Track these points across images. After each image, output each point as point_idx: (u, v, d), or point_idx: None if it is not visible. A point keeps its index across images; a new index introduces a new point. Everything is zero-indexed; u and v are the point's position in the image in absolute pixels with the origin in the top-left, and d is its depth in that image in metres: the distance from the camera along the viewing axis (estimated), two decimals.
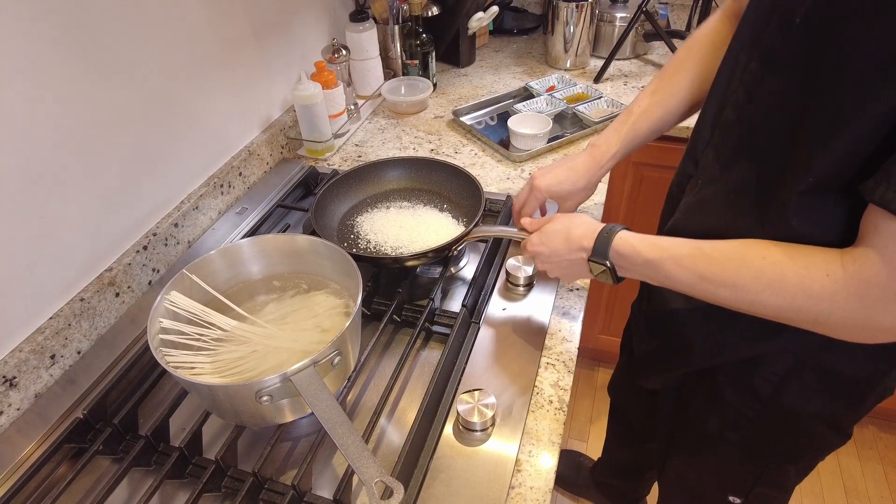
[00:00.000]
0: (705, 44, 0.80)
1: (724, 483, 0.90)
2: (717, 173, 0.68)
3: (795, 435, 0.78)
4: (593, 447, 1.80)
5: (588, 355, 2.05)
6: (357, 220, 1.01)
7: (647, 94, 0.84)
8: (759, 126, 0.61)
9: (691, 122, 0.79)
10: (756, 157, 0.62)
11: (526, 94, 1.47)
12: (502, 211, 1.03)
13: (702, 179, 0.71)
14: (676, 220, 0.75)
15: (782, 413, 0.75)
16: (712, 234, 0.64)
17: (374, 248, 0.94)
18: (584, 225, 0.73)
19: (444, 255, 0.91)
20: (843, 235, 0.55)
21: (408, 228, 0.97)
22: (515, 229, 0.86)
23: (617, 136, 0.84)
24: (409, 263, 0.90)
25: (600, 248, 0.70)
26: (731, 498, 0.89)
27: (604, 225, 0.71)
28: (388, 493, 0.56)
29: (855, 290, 0.52)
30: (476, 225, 0.91)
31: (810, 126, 0.54)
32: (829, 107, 0.52)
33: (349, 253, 0.81)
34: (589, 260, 0.71)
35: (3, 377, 0.75)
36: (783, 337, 0.67)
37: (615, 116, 1.31)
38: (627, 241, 0.68)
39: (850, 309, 0.53)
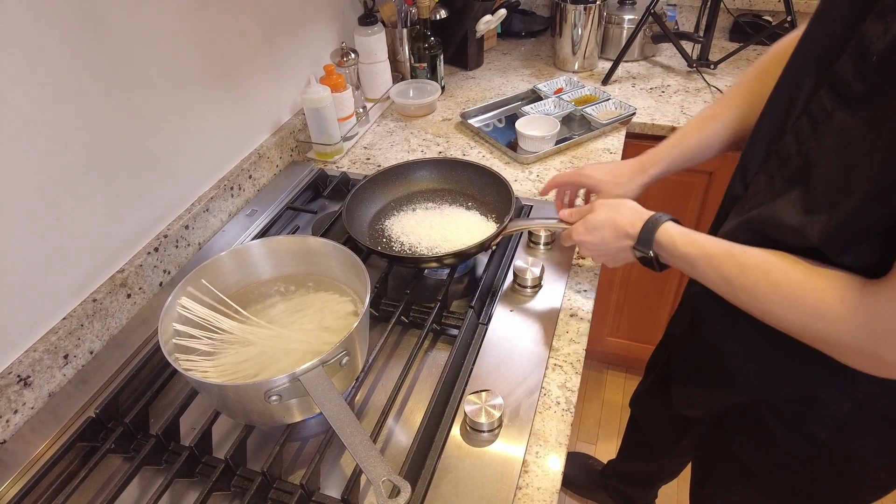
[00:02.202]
0: (778, 62, 0.71)
1: None
2: (768, 200, 0.65)
3: (850, 479, 0.76)
4: (602, 450, 1.79)
5: (597, 358, 2.04)
6: (385, 223, 1.02)
7: (705, 113, 0.84)
8: (819, 160, 0.58)
9: None
10: (809, 189, 0.59)
11: (534, 97, 1.48)
12: (524, 208, 1.03)
13: (749, 204, 0.69)
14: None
15: (838, 457, 0.73)
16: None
17: (410, 249, 0.95)
18: (630, 213, 0.74)
19: (483, 250, 0.92)
20: (873, 265, 0.54)
21: (438, 228, 0.98)
22: (555, 220, 0.86)
23: (666, 148, 0.86)
24: (449, 262, 0.91)
25: (645, 238, 0.71)
26: None
27: (651, 214, 0.73)
28: (395, 492, 0.56)
29: (864, 322, 0.52)
30: (511, 218, 0.92)
31: (875, 171, 0.50)
32: None
33: (385, 255, 0.84)
34: (633, 248, 0.73)
35: (18, 376, 0.76)
36: (834, 383, 0.66)
37: (623, 118, 1.32)
38: (668, 234, 0.70)
39: (858, 339, 0.53)
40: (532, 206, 1.08)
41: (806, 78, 0.62)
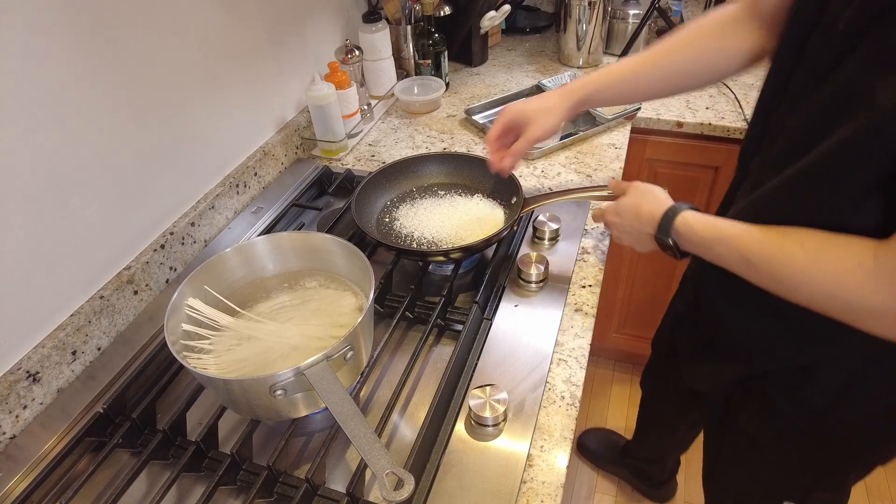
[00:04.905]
0: (709, 29, 0.80)
1: (778, 489, 0.89)
2: (764, 181, 0.67)
3: (852, 447, 0.77)
4: None
5: (604, 355, 2.04)
6: (393, 216, 1.03)
7: (633, 58, 0.86)
8: (805, 139, 0.60)
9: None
10: (804, 165, 0.61)
11: (538, 93, 1.47)
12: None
13: (749, 187, 0.72)
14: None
15: (838, 426, 0.75)
16: None
17: (418, 242, 0.96)
18: (653, 202, 0.76)
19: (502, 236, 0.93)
20: (882, 225, 0.55)
21: (452, 218, 1.00)
22: (599, 189, 0.89)
23: (591, 77, 0.86)
24: (456, 256, 0.92)
25: (664, 226, 0.73)
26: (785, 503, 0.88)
27: (672, 204, 0.74)
28: (399, 484, 0.56)
29: (885, 281, 0.52)
30: (525, 199, 0.94)
31: (855, 141, 0.53)
32: (873, 121, 0.51)
33: (394, 248, 0.87)
34: (654, 236, 0.75)
35: (27, 372, 0.77)
36: (833, 344, 0.68)
37: (628, 113, 1.31)
38: (686, 221, 0.71)
39: (879, 300, 0.53)
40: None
41: (787, 63, 0.65)
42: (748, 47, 0.78)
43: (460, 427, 0.73)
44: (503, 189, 1.02)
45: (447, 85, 1.53)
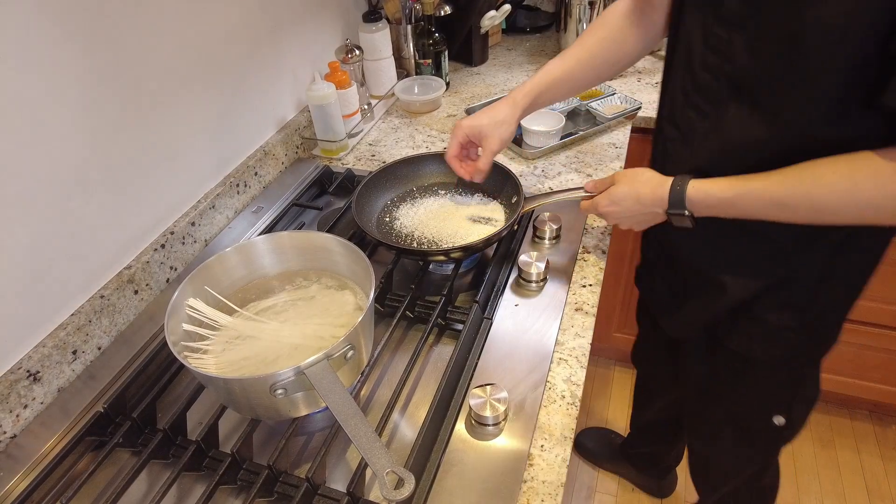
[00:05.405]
0: (617, 20, 0.91)
1: (767, 404, 0.95)
2: (709, 125, 0.73)
3: (830, 340, 0.85)
4: None
5: (604, 354, 2.04)
6: (392, 219, 1.02)
7: (565, 53, 0.93)
8: (745, 77, 0.67)
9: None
10: (742, 100, 0.68)
11: None
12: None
13: (690, 139, 0.77)
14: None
15: (817, 322, 0.82)
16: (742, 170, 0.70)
17: (429, 243, 0.96)
18: (650, 183, 0.79)
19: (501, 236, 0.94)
20: (878, 134, 0.60)
21: (452, 218, 1.00)
22: (581, 190, 0.91)
23: (532, 82, 0.92)
24: (457, 255, 0.92)
25: (676, 200, 0.76)
26: (775, 419, 0.95)
27: (671, 179, 0.77)
28: (399, 484, 0.56)
29: None
30: (525, 198, 0.95)
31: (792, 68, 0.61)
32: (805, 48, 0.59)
33: (395, 247, 0.87)
34: (667, 212, 0.77)
35: (28, 372, 0.77)
36: (808, 246, 0.74)
37: (628, 113, 1.31)
38: (699, 189, 0.74)
39: None
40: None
41: (696, 29, 0.72)
42: (650, 35, 0.90)
43: (461, 426, 0.73)
44: (504, 189, 1.02)
45: (447, 84, 1.53)
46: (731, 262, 0.81)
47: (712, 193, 0.72)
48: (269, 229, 1.06)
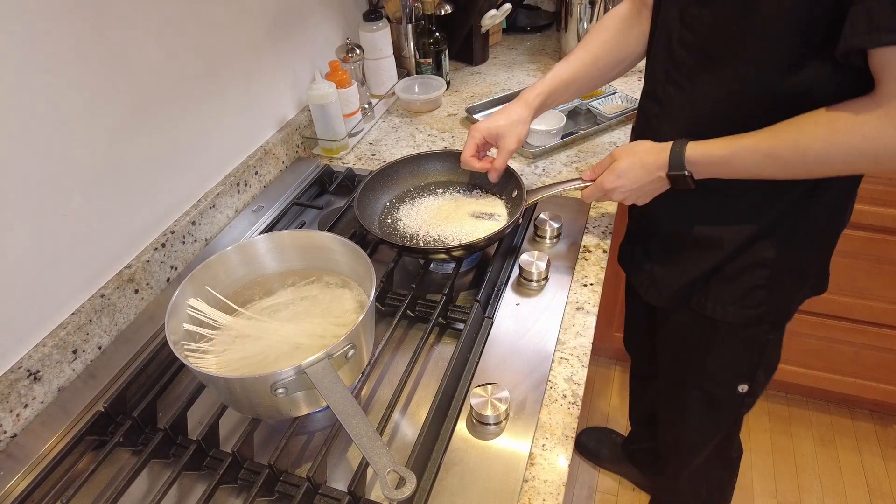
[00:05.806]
0: (617, 23, 0.95)
1: (734, 371, 1.00)
2: (685, 98, 0.79)
3: (796, 286, 0.90)
4: None
5: (605, 354, 2.04)
6: (394, 219, 1.02)
7: (570, 55, 0.97)
8: (711, 46, 0.73)
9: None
10: (715, 71, 0.74)
11: None
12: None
13: (673, 107, 0.82)
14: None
15: (787, 266, 0.86)
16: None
17: (420, 240, 0.96)
18: (652, 150, 0.82)
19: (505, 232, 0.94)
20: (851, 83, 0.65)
21: (454, 216, 1.00)
22: (578, 181, 0.94)
23: (542, 83, 0.96)
24: (458, 254, 0.92)
25: (676, 162, 0.79)
26: (739, 387, 1.00)
27: (671, 143, 0.80)
28: (401, 483, 0.56)
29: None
30: (525, 191, 0.97)
31: (762, 35, 0.67)
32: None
33: (397, 245, 0.87)
34: (668, 174, 0.80)
35: (28, 371, 0.77)
36: (774, 200, 0.79)
37: (629, 112, 1.31)
38: (697, 149, 0.77)
39: None
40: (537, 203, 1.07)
41: (673, 9, 0.77)
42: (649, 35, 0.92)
43: (462, 426, 0.73)
44: (505, 185, 1.02)
45: (448, 84, 1.53)
46: (704, 220, 0.85)
47: (710, 153, 0.76)
48: (270, 228, 1.06)
